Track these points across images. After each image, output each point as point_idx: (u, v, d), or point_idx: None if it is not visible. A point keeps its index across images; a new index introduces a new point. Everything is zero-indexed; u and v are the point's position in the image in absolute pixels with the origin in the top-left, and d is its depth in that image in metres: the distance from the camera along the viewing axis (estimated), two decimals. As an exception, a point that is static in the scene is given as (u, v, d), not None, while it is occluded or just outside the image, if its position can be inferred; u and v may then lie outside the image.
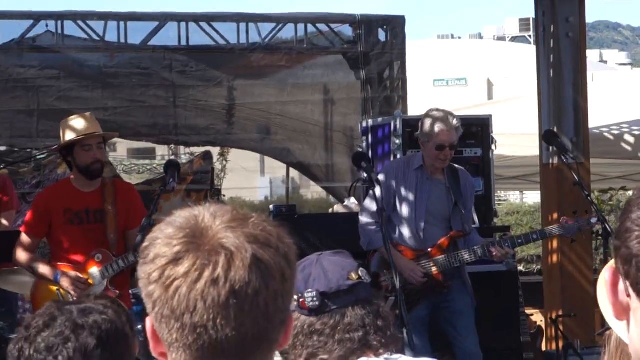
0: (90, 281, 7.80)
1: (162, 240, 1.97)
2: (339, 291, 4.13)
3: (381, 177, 8.33)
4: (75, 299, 7.51)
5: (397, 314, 7.02)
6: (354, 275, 4.15)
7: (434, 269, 8.06)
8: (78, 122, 8.21)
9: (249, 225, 1.98)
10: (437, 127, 8.17)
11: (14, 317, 10.71)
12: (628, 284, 1.79)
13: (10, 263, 9.15)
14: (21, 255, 8.31)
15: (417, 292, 7.95)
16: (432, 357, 6.14)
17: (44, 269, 8.11)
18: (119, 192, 8.28)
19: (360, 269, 4.15)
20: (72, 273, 7.87)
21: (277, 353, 2.20)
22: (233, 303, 1.90)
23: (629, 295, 1.80)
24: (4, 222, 9.97)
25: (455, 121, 8.35)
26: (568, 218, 8.40)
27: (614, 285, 1.82)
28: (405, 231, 8.23)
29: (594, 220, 8.54)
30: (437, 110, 8.53)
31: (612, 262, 1.84)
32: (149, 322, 2.00)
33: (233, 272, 1.91)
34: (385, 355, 3.96)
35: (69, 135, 8.13)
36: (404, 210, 8.25)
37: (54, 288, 8.01)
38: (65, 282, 7.82)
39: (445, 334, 8.29)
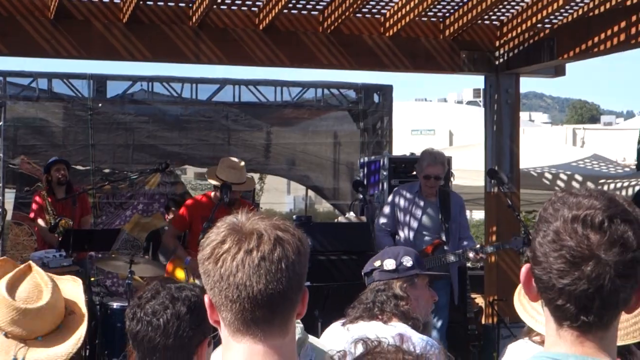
0: None
1: (213, 232, 2.03)
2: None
3: (390, 198, 8.33)
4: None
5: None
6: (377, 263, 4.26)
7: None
8: (234, 174, 8.35)
9: (273, 219, 2.04)
10: (425, 163, 8.12)
11: (105, 289, 10.87)
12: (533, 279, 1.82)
13: (107, 250, 9.28)
14: (169, 240, 8.58)
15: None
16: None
17: (181, 252, 8.23)
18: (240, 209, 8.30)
19: (387, 259, 4.26)
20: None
21: (298, 321, 2.29)
22: (263, 265, 1.94)
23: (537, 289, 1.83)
24: (85, 225, 10.13)
25: (441, 158, 8.31)
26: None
27: (528, 277, 1.85)
28: (403, 237, 8.11)
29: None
30: (429, 150, 8.46)
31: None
32: (206, 298, 2.04)
33: (262, 245, 1.95)
34: (392, 323, 4.05)
35: (227, 177, 8.24)
36: (404, 225, 8.15)
37: (183, 268, 8.10)
38: (193, 264, 7.80)
39: None
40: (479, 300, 10.45)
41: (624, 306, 1.78)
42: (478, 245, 8.28)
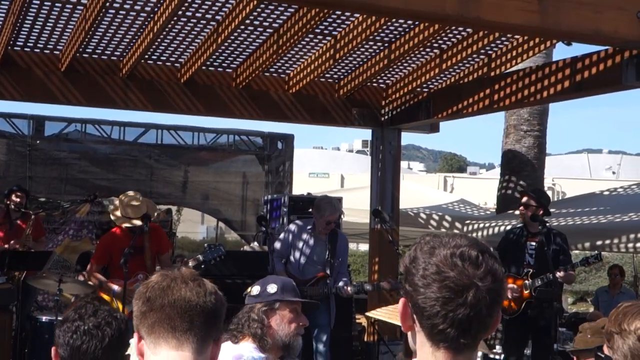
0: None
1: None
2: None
3: (288, 226, 8.23)
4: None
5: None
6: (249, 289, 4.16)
7: (306, 292, 7.58)
8: (137, 208, 7.98)
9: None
10: (327, 212, 7.91)
11: (35, 304, 10.53)
12: (410, 309, 1.81)
13: (39, 270, 9.00)
14: (94, 277, 7.97)
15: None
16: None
17: (106, 285, 7.82)
18: (152, 234, 8.01)
19: (255, 286, 4.16)
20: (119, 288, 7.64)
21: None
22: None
23: (413, 320, 1.81)
24: (40, 245, 9.84)
25: (338, 206, 8.24)
26: (391, 279, 8.21)
27: (405, 309, 1.83)
28: (294, 266, 7.99)
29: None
30: (328, 199, 8.25)
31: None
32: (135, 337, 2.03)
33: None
34: (242, 343, 3.88)
35: (134, 213, 7.90)
36: (296, 253, 8.02)
37: (110, 296, 7.75)
38: (119, 293, 7.59)
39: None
40: (362, 320, 10.46)
41: (490, 329, 1.80)
42: (355, 283, 8.26)
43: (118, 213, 8.01)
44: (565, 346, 7.90)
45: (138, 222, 7.86)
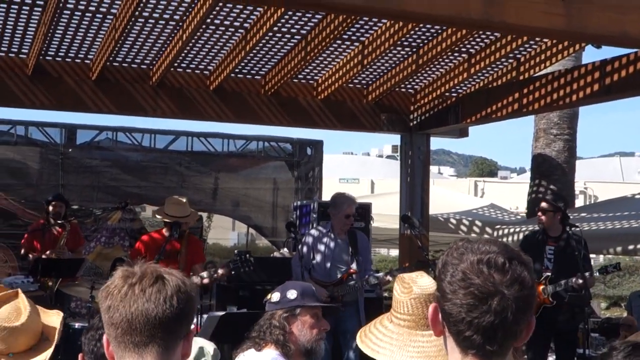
0: None
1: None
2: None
3: (304, 238, 8.12)
4: None
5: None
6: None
7: (336, 293, 7.66)
8: (179, 209, 8.10)
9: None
10: (345, 205, 7.88)
11: (68, 311, 10.61)
12: (440, 316, 1.81)
13: (72, 277, 9.08)
14: None
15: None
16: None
17: None
18: (190, 243, 8.19)
19: (275, 293, 4.14)
20: None
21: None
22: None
23: (442, 325, 1.82)
24: (77, 254, 9.92)
25: (354, 200, 8.11)
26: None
27: (435, 314, 1.83)
28: (320, 270, 7.88)
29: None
30: (343, 194, 8.16)
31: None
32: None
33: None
34: (266, 350, 3.86)
35: (174, 211, 8.02)
36: (318, 257, 7.92)
37: None
38: None
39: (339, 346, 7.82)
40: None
41: (519, 337, 1.79)
42: (380, 274, 8.18)
43: (162, 210, 8.14)
44: (598, 352, 7.83)
45: (184, 219, 8.00)
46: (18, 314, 2.95)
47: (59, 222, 9.65)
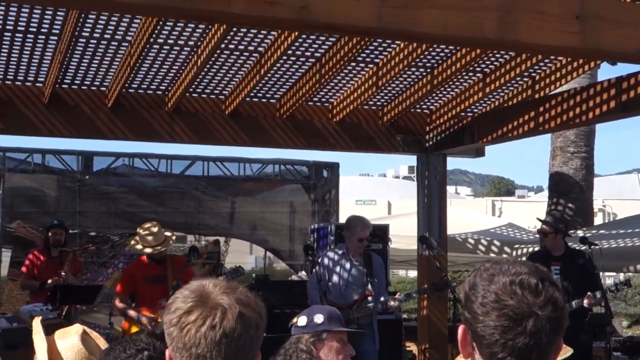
0: (159, 319, 7.47)
1: (180, 298, 1.92)
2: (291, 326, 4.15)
3: (320, 260, 8.12)
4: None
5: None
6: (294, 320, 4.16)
7: (352, 315, 7.65)
8: (154, 238, 8.02)
9: (237, 292, 1.93)
10: (359, 228, 7.91)
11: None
12: (470, 337, 1.81)
13: (90, 304, 9.09)
14: (118, 306, 8.03)
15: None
16: None
17: (132, 313, 7.86)
18: (174, 264, 8.09)
19: (302, 316, 4.16)
20: (148, 315, 7.71)
21: None
22: (224, 342, 1.85)
23: (472, 347, 1.80)
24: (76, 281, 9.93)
25: (368, 224, 8.13)
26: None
27: (464, 337, 1.83)
28: (335, 293, 7.89)
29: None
30: (357, 217, 8.22)
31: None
32: (167, 352, 1.94)
33: (225, 321, 1.86)
34: None
35: (147, 243, 7.96)
36: (334, 279, 7.95)
37: (137, 324, 7.76)
38: (144, 320, 7.67)
39: None
40: (413, 347, 10.36)
41: (550, 358, 1.78)
42: (399, 295, 8.15)
43: (139, 246, 8.08)
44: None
45: (159, 248, 7.95)
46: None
47: (61, 249, 9.70)
